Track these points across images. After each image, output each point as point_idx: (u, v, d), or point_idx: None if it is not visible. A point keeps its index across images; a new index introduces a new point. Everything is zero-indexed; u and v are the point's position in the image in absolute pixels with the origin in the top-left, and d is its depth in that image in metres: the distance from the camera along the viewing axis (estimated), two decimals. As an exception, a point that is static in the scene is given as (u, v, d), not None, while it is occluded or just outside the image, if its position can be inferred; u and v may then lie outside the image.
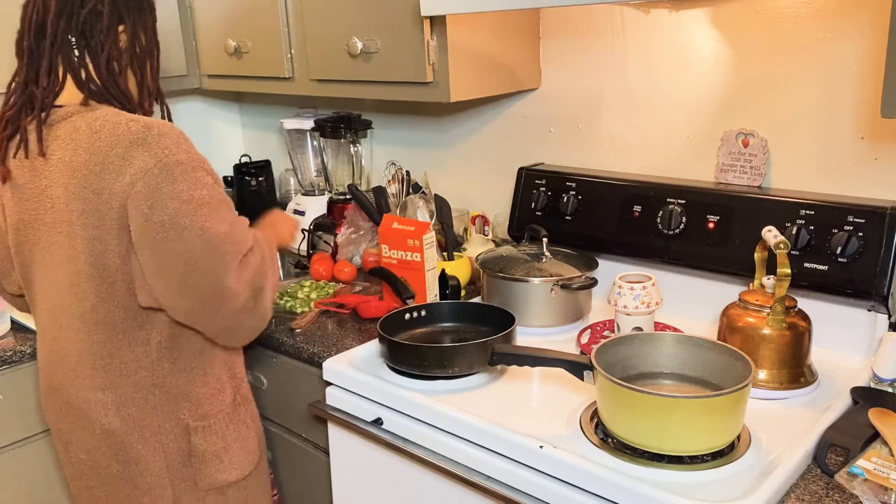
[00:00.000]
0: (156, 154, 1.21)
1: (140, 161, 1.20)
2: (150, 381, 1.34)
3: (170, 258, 1.22)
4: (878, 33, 1.41)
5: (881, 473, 1.05)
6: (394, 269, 1.72)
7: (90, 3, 1.30)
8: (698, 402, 1.10)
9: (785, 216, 1.47)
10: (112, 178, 1.21)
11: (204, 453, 1.39)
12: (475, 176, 2.15)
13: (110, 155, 1.21)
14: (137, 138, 1.21)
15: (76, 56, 1.30)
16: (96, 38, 1.31)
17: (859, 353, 1.44)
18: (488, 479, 1.22)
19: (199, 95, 2.72)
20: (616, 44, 1.77)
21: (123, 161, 1.21)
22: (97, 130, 1.24)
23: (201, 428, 1.38)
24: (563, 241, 1.77)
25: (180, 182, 1.21)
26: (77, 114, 1.28)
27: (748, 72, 1.59)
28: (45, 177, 1.29)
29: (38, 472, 1.81)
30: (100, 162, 1.22)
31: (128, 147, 1.21)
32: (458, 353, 1.40)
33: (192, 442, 1.37)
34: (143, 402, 1.34)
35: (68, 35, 1.29)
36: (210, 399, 1.39)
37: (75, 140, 1.25)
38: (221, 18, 2.17)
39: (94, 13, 1.30)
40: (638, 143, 1.79)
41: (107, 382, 1.33)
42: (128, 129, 1.22)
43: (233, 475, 1.42)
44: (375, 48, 1.76)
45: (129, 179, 1.20)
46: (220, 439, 1.40)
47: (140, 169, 1.20)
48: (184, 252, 1.21)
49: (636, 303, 1.44)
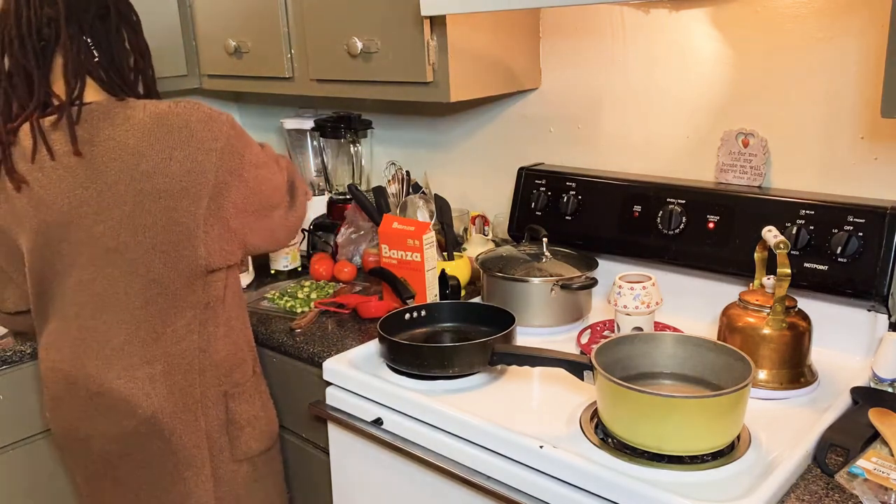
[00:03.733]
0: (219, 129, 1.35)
1: (216, 131, 1.34)
2: (197, 346, 1.41)
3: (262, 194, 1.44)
4: (878, 33, 1.41)
5: (881, 473, 1.05)
6: (394, 269, 1.72)
7: (93, 8, 1.36)
8: (698, 402, 1.10)
9: (785, 216, 1.47)
10: (194, 146, 1.32)
11: (239, 420, 1.48)
12: (475, 176, 2.15)
13: (185, 130, 1.32)
14: (203, 113, 1.34)
15: (95, 58, 1.37)
16: (107, 40, 1.38)
17: (859, 353, 1.44)
18: (488, 479, 1.22)
19: (199, 95, 2.71)
20: (616, 44, 1.77)
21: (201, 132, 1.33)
22: (160, 113, 1.32)
23: (237, 394, 1.48)
24: (563, 241, 1.77)
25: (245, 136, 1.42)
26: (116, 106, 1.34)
27: (748, 72, 1.59)
28: (88, 168, 1.32)
29: (38, 472, 1.81)
30: (177, 137, 1.31)
31: (200, 121, 1.33)
32: (458, 353, 1.40)
33: (230, 408, 1.47)
34: (190, 367, 1.41)
35: (83, 37, 1.35)
36: (239, 367, 1.49)
37: (135, 126, 1.32)
38: (221, 18, 2.17)
39: (99, 17, 1.37)
40: (638, 143, 1.79)
41: (157, 353, 1.39)
42: (183, 111, 1.33)
43: (263, 444, 1.53)
44: (375, 48, 1.76)
45: (210, 147, 1.33)
46: (251, 407, 1.51)
47: (219, 136, 1.34)
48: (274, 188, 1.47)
49: (636, 303, 1.44)
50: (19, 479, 1.78)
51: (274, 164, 1.50)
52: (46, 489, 1.83)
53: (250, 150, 1.41)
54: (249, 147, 1.42)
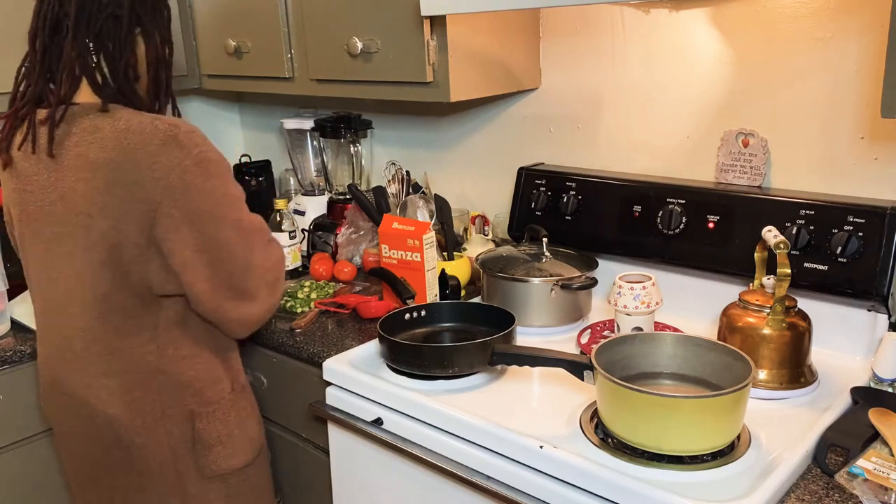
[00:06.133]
0: (189, 151, 1.26)
1: (174, 157, 1.25)
2: (155, 367, 1.36)
3: (207, 246, 1.28)
4: (878, 33, 1.41)
5: (881, 473, 1.04)
6: (394, 269, 1.72)
7: (109, 8, 1.31)
8: (698, 402, 1.10)
9: (785, 216, 1.47)
10: (145, 173, 1.24)
11: (208, 439, 1.41)
12: (475, 176, 2.15)
13: (141, 152, 1.25)
14: (169, 136, 1.25)
15: (94, 61, 1.33)
16: (114, 43, 1.33)
17: (859, 353, 1.44)
18: (488, 479, 1.22)
19: (199, 95, 2.72)
20: (616, 44, 1.77)
21: (156, 158, 1.24)
22: (123, 130, 1.26)
23: (205, 414, 1.41)
24: (563, 241, 1.77)
25: (214, 178, 1.28)
26: (95, 114, 1.30)
27: (748, 72, 1.59)
28: (56, 171, 1.30)
29: (38, 472, 1.81)
30: (131, 159, 1.25)
31: (160, 144, 1.25)
32: (458, 353, 1.40)
33: (197, 428, 1.40)
34: (147, 387, 1.36)
35: (86, 39, 1.32)
36: (211, 386, 1.42)
37: (99, 139, 1.27)
38: (221, 18, 2.17)
39: (112, 18, 1.32)
40: (638, 143, 1.79)
41: (113, 368, 1.35)
42: (156, 128, 1.26)
43: (236, 462, 1.45)
44: (375, 48, 1.76)
45: (162, 174, 1.24)
46: (223, 425, 1.43)
47: (174, 164, 1.25)
48: (221, 241, 1.30)
49: (636, 303, 1.44)
50: (19, 479, 1.78)
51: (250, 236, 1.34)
52: (46, 489, 1.83)
53: (212, 197, 1.28)
54: (211, 194, 1.28)
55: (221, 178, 1.30)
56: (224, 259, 1.31)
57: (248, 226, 1.34)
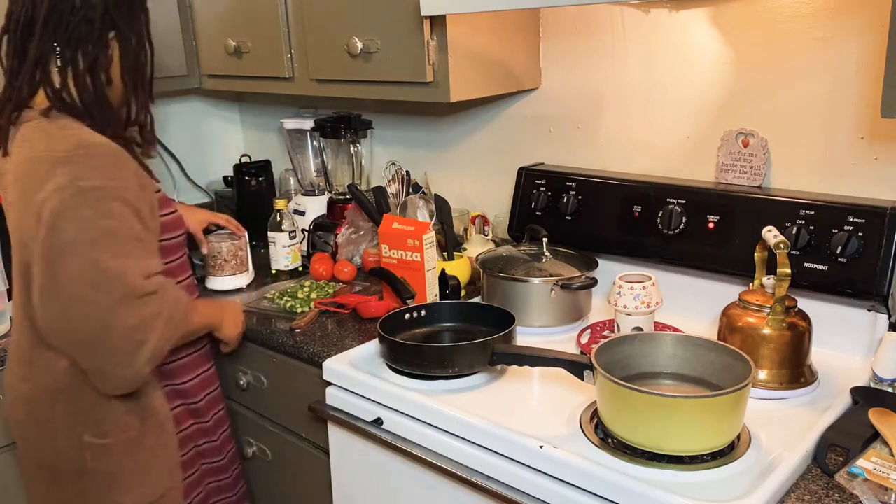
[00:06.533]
0: (74, 175, 1.20)
1: (59, 178, 1.19)
2: (58, 387, 1.34)
3: (59, 281, 1.19)
4: (878, 33, 1.41)
5: (881, 473, 1.04)
6: (394, 269, 1.72)
7: (81, 12, 1.28)
8: (698, 402, 1.10)
9: (785, 216, 1.47)
10: (36, 190, 1.21)
11: (94, 471, 1.36)
12: (475, 176, 2.15)
13: (40, 168, 1.22)
14: (64, 155, 1.21)
15: (57, 65, 1.30)
16: (84, 47, 1.29)
17: (859, 353, 1.44)
18: (488, 479, 1.22)
19: (199, 95, 2.72)
20: (616, 44, 1.77)
21: (46, 176, 1.21)
22: (38, 140, 1.25)
23: (96, 446, 1.34)
24: (563, 241, 1.77)
25: (88, 208, 1.19)
26: (36, 120, 1.28)
27: (748, 72, 1.59)
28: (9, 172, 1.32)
29: (38, 472, 1.81)
30: (33, 172, 1.23)
31: (53, 163, 1.21)
32: (458, 353, 1.40)
33: (83, 457, 1.35)
34: (50, 407, 1.35)
35: (53, 42, 1.29)
36: (112, 419, 1.35)
37: (26, 146, 1.26)
38: (221, 18, 2.17)
39: (85, 21, 1.29)
40: (638, 143, 1.79)
41: (29, 375, 1.37)
42: (59, 145, 1.22)
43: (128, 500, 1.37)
44: (375, 48, 1.76)
45: (43, 196, 1.20)
46: (115, 463, 1.36)
47: (55, 186, 1.19)
48: (73, 279, 1.19)
49: (636, 303, 1.44)
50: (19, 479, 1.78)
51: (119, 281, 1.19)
52: (46, 489, 1.83)
53: (65, 232, 1.17)
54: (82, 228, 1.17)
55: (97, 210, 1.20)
56: (74, 300, 1.19)
57: (108, 269, 1.20)
